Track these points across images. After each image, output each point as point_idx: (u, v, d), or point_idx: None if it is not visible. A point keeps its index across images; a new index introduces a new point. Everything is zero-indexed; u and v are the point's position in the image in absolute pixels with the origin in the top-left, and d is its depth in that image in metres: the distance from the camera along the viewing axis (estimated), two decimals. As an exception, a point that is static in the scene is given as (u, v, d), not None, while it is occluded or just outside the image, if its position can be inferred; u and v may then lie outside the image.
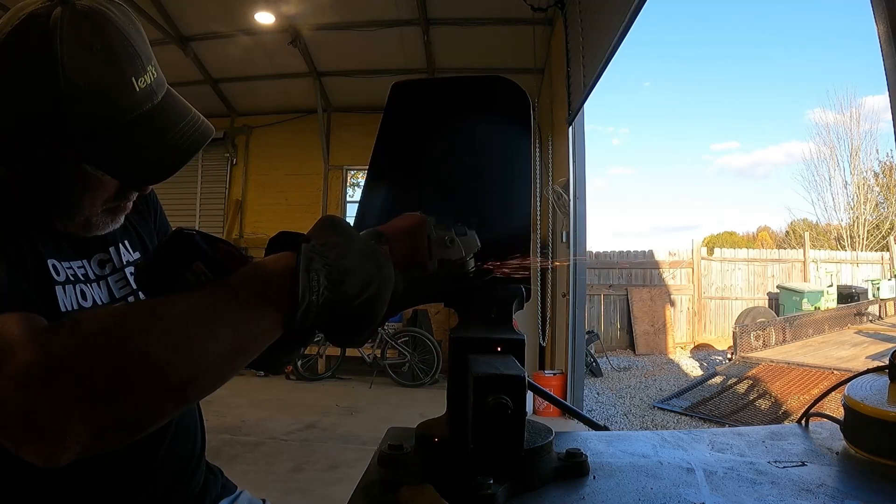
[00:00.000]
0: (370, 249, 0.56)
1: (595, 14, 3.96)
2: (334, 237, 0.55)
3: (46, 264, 0.71)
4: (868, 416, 0.71)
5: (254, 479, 3.36)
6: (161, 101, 0.69)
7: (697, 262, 10.26)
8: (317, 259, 0.51)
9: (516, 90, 0.79)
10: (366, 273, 0.54)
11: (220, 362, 0.48)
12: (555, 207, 5.21)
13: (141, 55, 0.66)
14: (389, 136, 0.79)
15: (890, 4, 1.37)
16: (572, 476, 0.65)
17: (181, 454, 0.87)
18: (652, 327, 9.48)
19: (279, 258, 0.52)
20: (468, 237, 0.67)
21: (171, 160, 0.69)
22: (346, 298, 0.52)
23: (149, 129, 0.67)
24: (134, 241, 0.87)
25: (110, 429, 0.45)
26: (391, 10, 5.80)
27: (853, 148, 16.34)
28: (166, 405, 0.47)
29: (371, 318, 0.56)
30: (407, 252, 0.62)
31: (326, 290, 0.51)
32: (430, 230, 0.64)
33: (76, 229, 0.75)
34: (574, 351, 4.77)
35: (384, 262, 0.56)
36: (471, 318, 0.70)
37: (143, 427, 0.47)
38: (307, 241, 0.54)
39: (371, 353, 6.43)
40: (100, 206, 0.74)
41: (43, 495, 0.72)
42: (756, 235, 21.50)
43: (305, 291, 0.49)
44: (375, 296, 0.55)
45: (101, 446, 0.45)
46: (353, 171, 7.77)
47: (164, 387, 0.46)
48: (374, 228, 0.62)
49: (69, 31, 0.62)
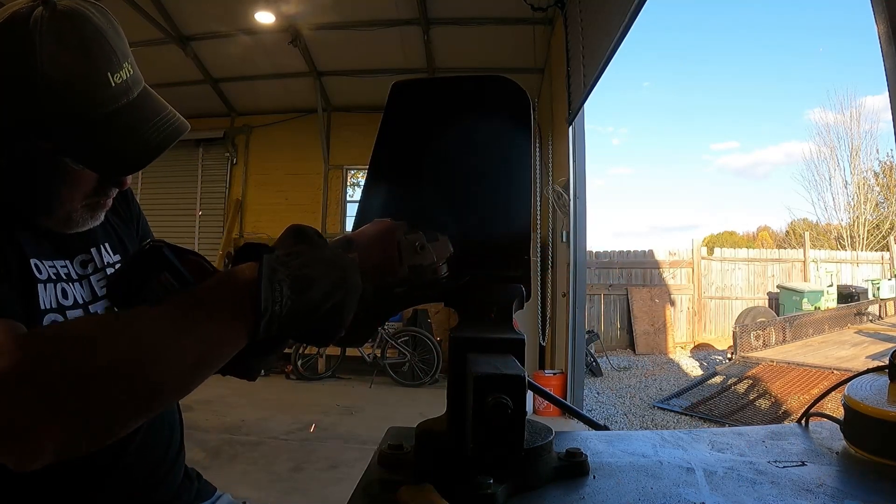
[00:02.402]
0: (336, 258, 0.57)
1: (595, 14, 3.96)
2: (300, 247, 0.56)
3: (29, 263, 0.73)
4: (868, 415, 0.71)
5: (254, 479, 3.36)
6: (136, 97, 0.72)
7: (697, 262, 10.26)
8: (280, 270, 0.52)
9: (516, 90, 0.79)
10: (330, 281, 0.54)
11: (186, 372, 0.50)
12: (555, 207, 5.21)
13: (117, 52, 0.69)
14: (389, 136, 0.79)
15: (890, 4, 1.37)
16: (572, 476, 0.65)
17: (154, 455, 0.87)
18: (652, 327, 9.48)
19: (243, 269, 0.53)
20: (439, 242, 0.68)
21: (144, 153, 0.72)
22: (310, 307, 0.53)
23: (124, 123, 0.70)
24: (115, 245, 0.89)
25: (80, 436, 0.47)
26: (391, 9, 5.80)
27: (853, 148, 16.35)
28: (133, 413, 0.49)
29: (338, 325, 0.56)
30: (376, 259, 0.63)
31: (290, 299, 0.52)
32: (401, 236, 0.65)
33: (58, 225, 0.77)
34: (574, 351, 4.77)
35: (350, 269, 0.57)
36: (471, 318, 0.70)
37: (113, 434, 0.49)
38: (271, 251, 0.55)
39: (371, 352, 6.43)
40: (80, 200, 0.76)
41: (8, 489, 0.72)
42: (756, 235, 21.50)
43: (268, 302, 0.50)
44: (340, 303, 0.55)
45: (73, 452, 0.47)
46: (353, 171, 7.77)
47: (132, 396, 0.47)
48: (344, 236, 0.63)
49: (48, 28, 0.65)
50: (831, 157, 16.78)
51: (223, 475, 3.27)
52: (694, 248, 10.42)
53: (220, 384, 4.39)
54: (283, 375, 6.53)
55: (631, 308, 9.56)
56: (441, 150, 0.80)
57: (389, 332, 6.42)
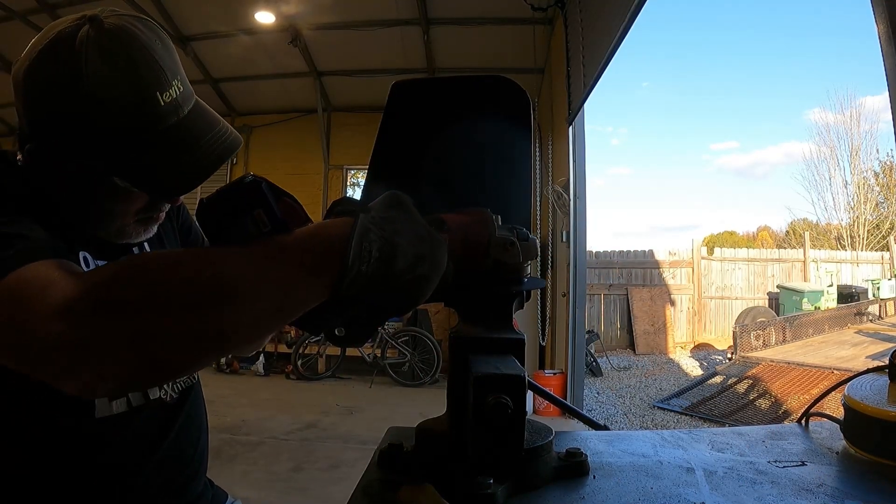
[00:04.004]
0: (428, 233, 0.55)
1: (595, 14, 3.96)
2: (395, 213, 0.55)
3: (78, 255, 0.75)
4: (868, 415, 0.71)
5: (254, 479, 3.36)
6: (188, 114, 0.72)
7: (697, 262, 10.26)
8: (373, 230, 0.51)
9: (517, 90, 0.79)
10: (417, 253, 0.53)
11: (262, 318, 0.48)
12: (555, 207, 5.21)
13: (166, 70, 0.69)
14: (389, 136, 0.78)
15: (890, 4, 1.37)
16: (572, 476, 0.65)
17: (182, 458, 0.88)
18: (652, 327, 9.48)
19: (336, 223, 0.52)
20: (529, 243, 0.65)
21: (194, 174, 0.72)
22: (394, 273, 0.51)
23: (174, 143, 0.70)
24: (154, 244, 0.89)
25: (146, 367, 0.45)
26: (391, 9, 5.80)
27: (853, 148, 16.36)
28: (202, 352, 0.47)
29: (416, 297, 0.55)
30: (465, 244, 0.61)
31: (377, 261, 0.50)
32: (493, 229, 0.64)
33: (111, 237, 0.79)
34: (574, 350, 4.77)
35: (439, 247, 0.55)
36: (471, 318, 0.70)
37: (176, 371, 0.49)
38: (367, 211, 0.53)
39: (371, 352, 6.43)
40: (132, 216, 0.78)
41: (37, 483, 0.73)
42: (756, 235, 21.51)
43: (356, 260, 0.49)
44: (424, 276, 0.54)
45: (134, 385, 0.48)
46: (353, 171, 7.76)
47: (203, 334, 0.46)
48: (437, 215, 0.61)
49: (95, 47, 0.65)
50: (831, 157, 16.80)
51: (223, 475, 3.25)
52: (694, 248, 10.42)
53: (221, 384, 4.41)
54: (283, 375, 6.53)
55: (631, 308, 9.56)
56: (441, 151, 0.80)
57: (389, 332, 6.41)
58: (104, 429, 0.77)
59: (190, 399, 0.90)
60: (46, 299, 0.46)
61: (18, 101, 0.71)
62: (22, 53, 0.70)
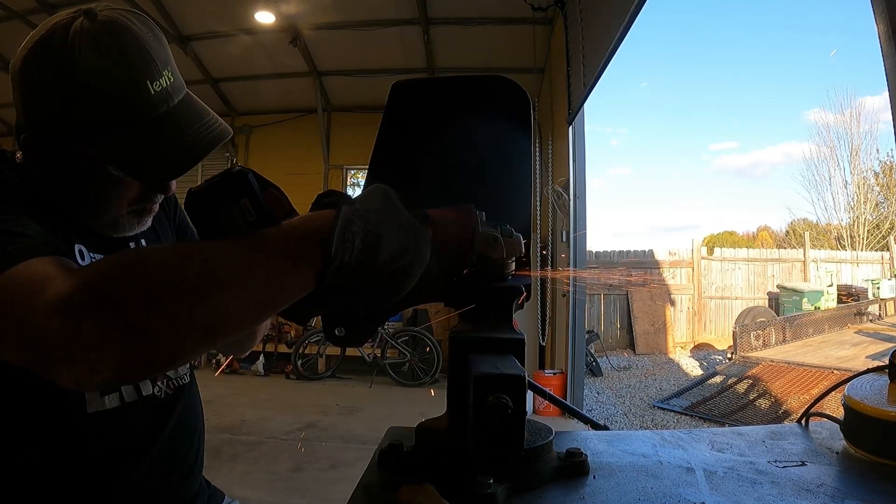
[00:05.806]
0: (412, 225, 0.56)
1: (595, 14, 3.96)
2: (379, 205, 0.55)
3: (73, 248, 0.76)
4: (868, 415, 0.71)
5: (254, 479, 3.36)
6: (177, 104, 0.74)
7: (697, 262, 10.26)
8: (356, 222, 0.52)
9: (517, 89, 0.79)
10: (401, 245, 0.54)
11: (249, 308, 0.49)
12: (555, 207, 5.21)
13: (157, 60, 0.71)
14: (389, 136, 0.79)
15: (890, 4, 1.37)
16: (572, 476, 0.65)
17: (176, 456, 0.88)
18: (652, 327, 9.48)
19: (321, 215, 0.53)
20: (513, 239, 0.66)
21: (183, 159, 0.73)
22: (377, 264, 0.52)
23: (163, 130, 0.72)
24: (150, 239, 0.91)
25: (138, 359, 0.46)
26: (391, 9, 5.80)
27: (853, 148, 16.34)
28: (192, 343, 0.48)
29: (398, 288, 0.55)
30: (449, 238, 0.62)
31: (360, 252, 0.51)
32: (477, 224, 0.64)
33: (105, 229, 0.80)
34: (574, 350, 4.77)
35: (422, 239, 0.56)
36: (471, 318, 0.70)
37: (168, 362, 0.49)
38: (352, 203, 0.54)
39: (371, 352, 6.43)
40: (125, 206, 0.79)
41: (30, 476, 0.73)
42: (756, 235, 21.48)
43: (339, 251, 0.50)
44: (406, 267, 0.54)
45: (129, 377, 0.48)
46: (353, 171, 7.76)
47: (192, 325, 0.47)
48: (421, 210, 0.61)
49: (88, 38, 0.67)
50: (831, 157, 16.78)
51: (223, 475, 3.26)
52: (694, 247, 10.42)
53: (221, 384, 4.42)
54: (283, 375, 6.53)
55: (631, 308, 9.56)
56: (441, 151, 0.80)
57: (389, 332, 6.41)
58: (96, 423, 0.77)
59: (183, 398, 0.90)
60: (43, 295, 0.47)
61: (15, 91, 0.72)
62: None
